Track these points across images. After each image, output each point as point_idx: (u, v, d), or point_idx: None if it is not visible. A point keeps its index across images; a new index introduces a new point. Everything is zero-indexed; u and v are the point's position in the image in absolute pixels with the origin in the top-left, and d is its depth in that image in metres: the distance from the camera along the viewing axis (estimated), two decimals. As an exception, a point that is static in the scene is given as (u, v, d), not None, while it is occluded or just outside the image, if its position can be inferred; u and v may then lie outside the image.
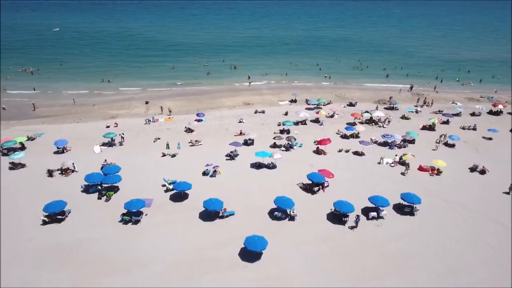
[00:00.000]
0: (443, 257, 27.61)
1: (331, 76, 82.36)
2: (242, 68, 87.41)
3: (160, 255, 26.98)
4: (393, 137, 46.23)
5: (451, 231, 30.79)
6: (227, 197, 33.90)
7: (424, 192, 36.01)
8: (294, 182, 37.09)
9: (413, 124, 55.13)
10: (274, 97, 68.25)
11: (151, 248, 27.75)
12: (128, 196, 33.78)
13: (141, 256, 26.89)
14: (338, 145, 46.31)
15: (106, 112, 59.68)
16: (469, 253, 28.24)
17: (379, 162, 41.72)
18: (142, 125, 53.63)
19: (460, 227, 31.40)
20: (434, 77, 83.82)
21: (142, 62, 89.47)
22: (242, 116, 57.29)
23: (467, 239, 29.79)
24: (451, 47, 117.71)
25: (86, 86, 71.91)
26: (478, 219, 32.44)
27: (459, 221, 32.23)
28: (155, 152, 44.06)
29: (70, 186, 35.95)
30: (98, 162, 40.87)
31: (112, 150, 45.05)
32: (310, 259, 27.09)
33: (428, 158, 42.95)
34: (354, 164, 41.72)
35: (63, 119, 56.79)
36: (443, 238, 29.90)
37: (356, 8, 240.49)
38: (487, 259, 27.59)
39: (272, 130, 52.19)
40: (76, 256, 26.72)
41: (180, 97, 67.68)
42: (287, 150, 44.71)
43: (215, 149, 45.01)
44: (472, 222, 32.08)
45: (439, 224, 31.59)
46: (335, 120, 56.54)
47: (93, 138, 48.25)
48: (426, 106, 63.71)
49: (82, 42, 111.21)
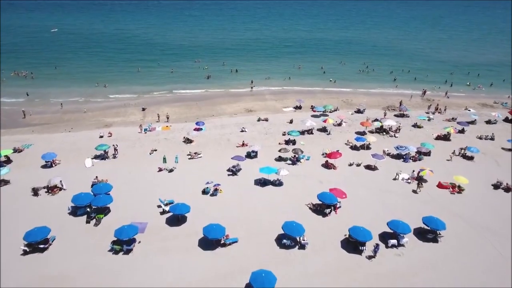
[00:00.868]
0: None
1: (336, 80, 79.07)
2: (243, 72, 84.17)
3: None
4: (407, 149, 42.94)
5: (478, 259, 27.56)
6: (229, 220, 30.70)
7: (446, 213, 32.76)
8: (303, 202, 33.78)
9: (427, 133, 51.84)
10: (278, 103, 64.95)
11: (145, 282, 24.48)
12: (120, 219, 30.58)
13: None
14: (348, 157, 43.02)
15: (100, 120, 56.37)
16: (500, 284, 25.04)
17: (395, 178, 38.41)
18: (138, 134, 50.32)
19: (488, 254, 28.15)
20: (443, 81, 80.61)
21: (139, 65, 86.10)
22: (244, 124, 54.00)
23: (497, 268, 26.58)
24: (458, 50, 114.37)
25: (81, 91, 68.60)
26: (507, 245, 29.17)
27: (486, 247, 28.96)
28: (151, 166, 40.76)
29: (56, 207, 32.64)
30: (88, 178, 37.56)
31: (104, 164, 41.73)
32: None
33: (446, 172, 39.72)
34: (367, 180, 38.40)
35: (54, 127, 53.46)
36: (470, 268, 26.70)
37: (357, 8, 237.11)
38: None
39: (276, 140, 48.89)
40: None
41: (178, 103, 64.37)
42: (293, 163, 41.41)
43: (215, 163, 41.72)
44: (501, 248, 28.84)
45: (465, 252, 28.33)
46: (343, 128, 53.24)
47: (85, 149, 44.96)
48: (438, 113, 60.40)
49: (79, 44, 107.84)
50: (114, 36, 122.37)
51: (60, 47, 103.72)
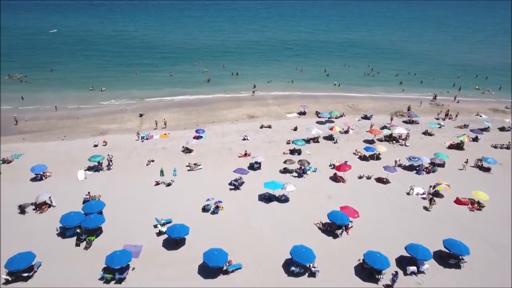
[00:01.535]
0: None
1: (340, 84, 76.57)
2: (244, 75, 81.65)
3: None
4: (420, 160, 40.36)
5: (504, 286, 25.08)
6: (232, 242, 28.18)
7: (467, 233, 30.23)
8: (311, 221, 31.20)
9: (438, 142, 49.28)
10: (281, 108, 62.37)
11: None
12: (113, 240, 28.10)
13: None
14: (357, 168, 40.38)
15: (95, 127, 53.81)
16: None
17: (408, 193, 35.83)
18: (135, 143, 47.74)
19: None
20: (451, 84, 78.03)
21: (137, 68, 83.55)
22: (246, 131, 51.44)
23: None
24: (464, 51, 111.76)
25: (76, 96, 66.16)
26: (536, 270, 26.68)
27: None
28: (148, 179, 38.17)
29: (44, 227, 30.05)
30: (80, 192, 35.00)
31: (98, 176, 39.15)
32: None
33: (463, 186, 37.14)
34: (379, 195, 35.81)
35: (47, 135, 50.89)
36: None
37: (359, 9, 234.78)
38: None
39: (281, 149, 46.34)
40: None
41: (177, 108, 61.79)
42: (299, 176, 38.83)
43: (216, 175, 39.13)
44: (530, 274, 26.33)
45: (490, 278, 25.78)
46: (350, 136, 50.67)
47: (78, 160, 42.38)
48: (449, 119, 57.85)
49: (76, 47, 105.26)
50: (112, 37, 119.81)
51: (57, 49, 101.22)
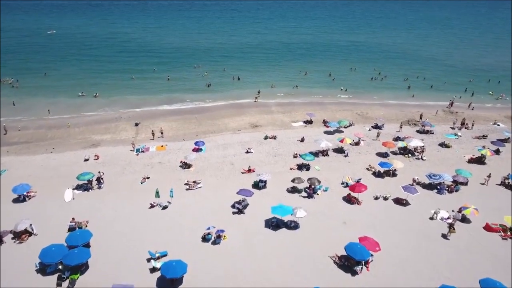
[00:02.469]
0: None
1: (347, 89, 72.92)
2: (245, 79, 78.07)
3: None
4: (441, 178, 36.71)
5: None
6: (236, 279, 24.63)
7: (503, 267, 26.62)
8: (325, 253, 27.58)
9: (457, 155, 45.66)
10: (286, 116, 58.68)
11: None
12: (100, 280, 24.58)
13: None
14: (371, 186, 36.63)
15: (87, 137, 50.17)
16: None
17: (432, 218, 32.21)
18: (129, 157, 44.11)
19: None
20: (462, 89, 74.28)
21: (134, 73, 79.89)
22: (249, 143, 47.87)
23: None
24: (473, 55, 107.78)
25: (69, 102, 62.58)
26: None
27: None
28: (142, 200, 34.57)
29: (22, 260, 26.43)
30: (66, 217, 31.30)
31: (87, 196, 35.51)
32: None
33: (492, 209, 33.54)
34: (399, 220, 32.17)
35: (35, 147, 47.24)
36: None
37: (361, 9, 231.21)
38: None
39: (287, 163, 42.71)
40: None
41: (175, 116, 58.15)
42: (309, 196, 35.20)
43: (218, 195, 35.53)
44: None
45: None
46: (361, 148, 47.06)
47: (66, 176, 38.71)
48: (465, 128, 54.22)
49: (71, 50, 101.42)
50: (108, 40, 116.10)
51: (52, 52, 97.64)
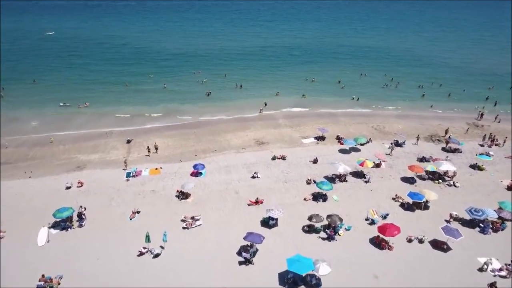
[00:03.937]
0: None
1: (359, 98, 67.19)
2: (248, 87, 72.52)
3: None
4: (485, 214, 30.94)
5: None
6: None
7: None
8: (357, 324, 21.93)
9: (493, 180, 39.86)
10: (295, 131, 52.88)
11: None
12: None
13: None
14: (401, 222, 30.85)
15: (72, 157, 44.44)
16: None
17: (481, 269, 26.46)
18: (118, 182, 38.38)
19: None
20: (483, 98, 68.61)
21: (128, 79, 74.31)
22: (255, 165, 42.18)
23: None
24: (489, 58, 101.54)
25: (56, 115, 57.04)
26: None
27: None
28: (130, 243, 28.87)
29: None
30: (37, 268, 25.71)
31: (64, 238, 29.75)
32: None
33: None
34: (441, 272, 26.40)
35: (12, 170, 41.40)
36: None
37: (366, 10, 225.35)
38: None
39: (300, 191, 36.95)
40: None
41: (172, 131, 52.37)
42: (329, 238, 29.46)
43: (220, 236, 29.81)
44: None
45: None
46: (383, 172, 41.26)
47: (42, 210, 32.98)
48: (495, 145, 48.55)
49: (64, 53, 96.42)
50: (104, 43, 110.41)
51: (44, 56, 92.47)
